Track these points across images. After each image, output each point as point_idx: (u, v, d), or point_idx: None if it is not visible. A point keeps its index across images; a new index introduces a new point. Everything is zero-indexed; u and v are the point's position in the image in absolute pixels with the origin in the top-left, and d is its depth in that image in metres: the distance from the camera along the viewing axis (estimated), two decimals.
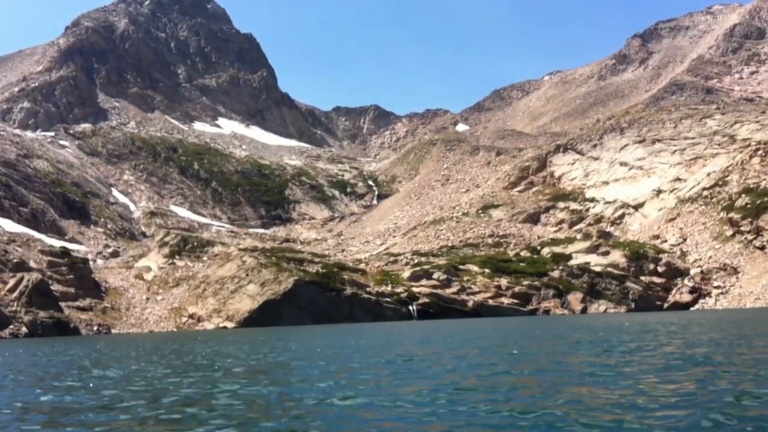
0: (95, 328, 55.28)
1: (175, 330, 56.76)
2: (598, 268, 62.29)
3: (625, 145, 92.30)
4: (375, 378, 12.18)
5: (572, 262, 63.85)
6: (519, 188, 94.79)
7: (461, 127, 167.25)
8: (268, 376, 13.66)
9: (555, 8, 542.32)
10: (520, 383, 10.74)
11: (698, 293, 58.97)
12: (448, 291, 59.63)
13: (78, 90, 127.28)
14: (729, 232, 64.18)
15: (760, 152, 75.90)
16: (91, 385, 13.14)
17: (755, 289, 55.16)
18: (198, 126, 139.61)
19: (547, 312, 58.39)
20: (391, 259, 70.69)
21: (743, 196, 67.14)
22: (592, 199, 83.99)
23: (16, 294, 53.10)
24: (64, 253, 65.59)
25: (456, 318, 56.22)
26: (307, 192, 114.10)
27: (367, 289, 59.02)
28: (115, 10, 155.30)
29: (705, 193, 73.47)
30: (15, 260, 59.42)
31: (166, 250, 74.73)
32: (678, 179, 79.76)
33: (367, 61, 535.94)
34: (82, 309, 57.73)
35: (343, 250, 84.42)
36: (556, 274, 62.05)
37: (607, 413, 7.86)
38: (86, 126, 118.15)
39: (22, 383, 14.35)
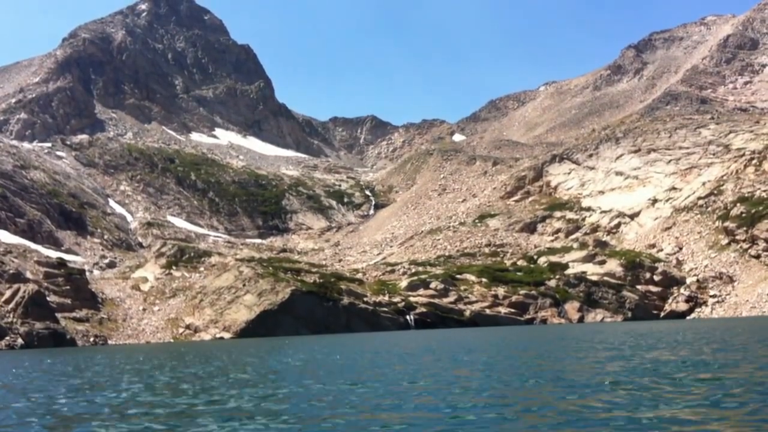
0: (91, 339, 55.12)
1: (171, 341, 56.64)
2: (594, 277, 62.47)
3: (621, 155, 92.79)
4: None
5: (569, 271, 64.03)
6: (515, 198, 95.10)
7: (458, 137, 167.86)
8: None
9: (550, 19, 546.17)
10: None
11: (694, 302, 59.16)
12: (446, 300, 59.69)
13: (75, 101, 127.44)
14: (724, 241, 64.52)
15: (754, 161, 76.44)
16: None
17: (751, 297, 55.38)
18: (195, 137, 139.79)
19: (544, 321, 58.47)
20: (389, 268, 70.74)
21: (738, 205, 67.55)
22: (588, 209, 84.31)
23: (12, 305, 52.96)
24: (61, 264, 65.45)
25: (453, 327, 56.27)
26: (304, 202, 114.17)
27: (365, 299, 59.04)
28: (113, 21, 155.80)
29: (700, 202, 73.87)
30: (11, 271, 59.29)
31: (163, 260, 74.66)
32: (673, 188, 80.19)
33: (364, 72, 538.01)
34: (79, 320, 57.55)
35: (340, 260, 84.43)
36: (552, 283, 62.20)
37: None
38: (83, 137, 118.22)
39: None
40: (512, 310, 59.57)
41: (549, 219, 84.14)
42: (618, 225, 78.89)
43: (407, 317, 58.16)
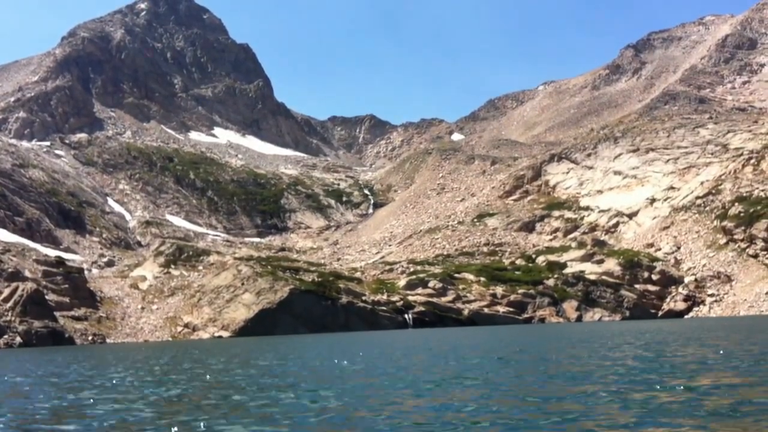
0: (90, 338, 55.14)
1: (170, 339, 56.67)
2: (592, 276, 62.56)
3: (619, 155, 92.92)
4: None
5: (567, 271, 64.11)
6: (514, 197, 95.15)
7: (456, 137, 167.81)
8: None
9: (549, 19, 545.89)
10: None
11: (692, 301, 59.28)
12: (444, 299, 59.77)
13: (74, 100, 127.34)
14: (722, 241, 64.63)
15: (752, 161, 76.59)
16: None
17: (749, 296, 55.52)
18: (194, 136, 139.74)
19: (542, 320, 58.56)
20: (387, 267, 70.79)
21: (736, 204, 67.69)
22: (587, 208, 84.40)
23: (10, 304, 52.99)
24: (59, 262, 65.46)
25: (452, 326, 56.35)
26: (302, 201, 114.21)
27: (363, 298, 59.10)
28: (112, 20, 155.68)
29: (698, 201, 74.00)
30: (10, 270, 59.29)
31: (162, 259, 74.65)
32: (671, 188, 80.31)
33: (362, 71, 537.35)
34: (77, 319, 57.58)
35: (338, 259, 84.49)
36: (551, 282, 62.29)
37: None
38: (82, 136, 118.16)
39: None
40: (510, 309, 59.65)
41: (547, 218, 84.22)
42: (616, 224, 78.99)
43: (406, 316, 58.24)
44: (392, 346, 28.75)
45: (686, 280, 61.58)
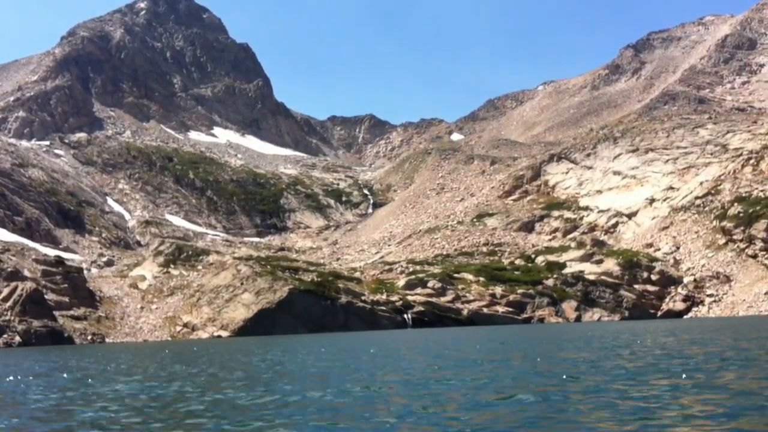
0: (89, 338, 55.14)
1: (169, 339, 56.69)
2: (592, 277, 62.61)
3: (619, 155, 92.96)
4: None
5: (566, 271, 64.16)
6: (513, 197, 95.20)
7: (456, 137, 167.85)
8: None
9: (548, 19, 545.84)
10: None
11: (691, 301, 59.34)
12: (443, 299, 59.80)
13: (73, 99, 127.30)
14: (722, 241, 64.69)
15: (752, 161, 76.66)
16: None
17: (748, 297, 55.57)
18: (193, 135, 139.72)
19: (541, 320, 58.61)
20: (386, 267, 70.81)
21: (735, 204, 67.75)
22: (586, 208, 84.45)
23: (10, 303, 52.99)
24: (59, 262, 65.46)
25: (451, 326, 56.38)
26: (302, 201, 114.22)
27: (362, 298, 59.13)
28: (111, 20, 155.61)
29: (698, 201, 74.05)
30: (9, 269, 59.28)
31: (161, 259, 74.66)
32: (671, 188, 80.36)
33: (362, 71, 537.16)
34: (77, 318, 57.58)
35: (338, 259, 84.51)
36: (550, 282, 62.33)
37: None
38: (81, 135, 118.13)
39: None
40: (510, 309, 59.68)
41: (547, 218, 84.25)
42: (615, 224, 79.04)
43: (405, 316, 58.26)
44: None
45: (685, 280, 61.64)
